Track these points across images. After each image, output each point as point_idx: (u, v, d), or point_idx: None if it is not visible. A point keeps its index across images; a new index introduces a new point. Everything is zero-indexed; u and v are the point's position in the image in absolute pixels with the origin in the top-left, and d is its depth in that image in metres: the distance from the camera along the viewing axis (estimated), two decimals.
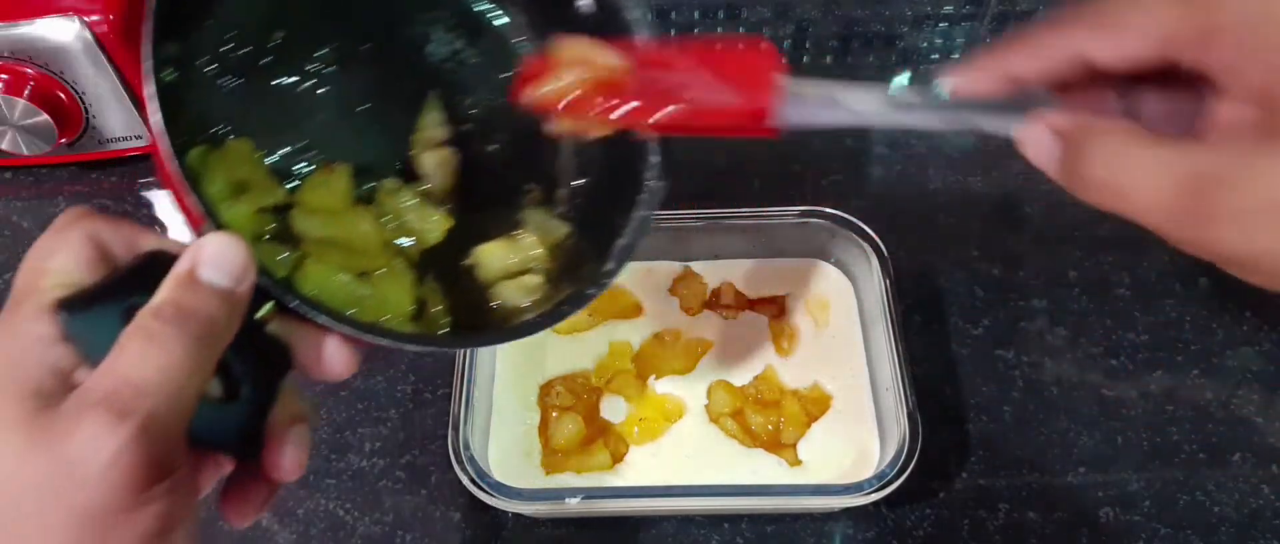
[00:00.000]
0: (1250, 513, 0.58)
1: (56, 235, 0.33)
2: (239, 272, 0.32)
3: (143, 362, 0.30)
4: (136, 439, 0.28)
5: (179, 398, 0.30)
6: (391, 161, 0.47)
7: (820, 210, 0.64)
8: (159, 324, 0.30)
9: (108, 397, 0.29)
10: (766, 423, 0.59)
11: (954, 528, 0.58)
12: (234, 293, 0.32)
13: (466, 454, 0.55)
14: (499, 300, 0.46)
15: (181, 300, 0.31)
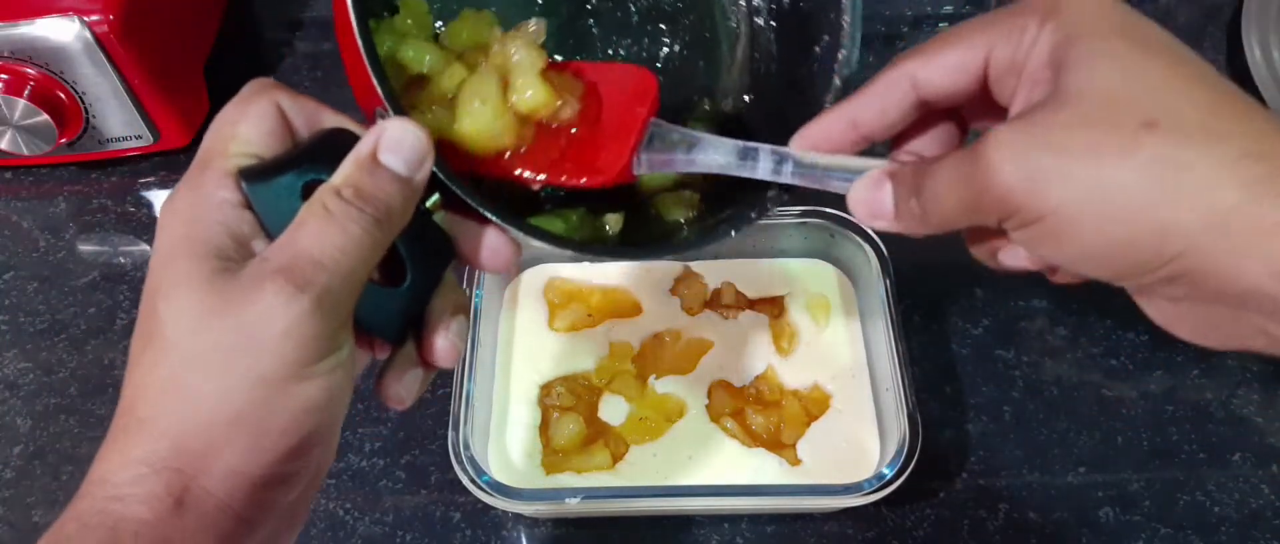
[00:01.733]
0: (1250, 513, 0.58)
1: (243, 104, 0.34)
2: (418, 159, 0.33)
3: (321, 239, 0.31)
4: (311, 312, 0.30)
5: (351, 277, 0.31)
6: None
7: (820, 210, 0.64)
8: (339, 203, 0.31)
9: (286, 268, 0.30)
10: (767, 423, 0.59)
11: (954, 528, 0.58)
12: (412, 180, 0.33)
13: (466, 454, 0.55)
14: (658, 211, 0.45)
15: (361, 183, 0.32)
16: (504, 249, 0.37)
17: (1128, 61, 0.31)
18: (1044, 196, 0.31)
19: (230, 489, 0.31)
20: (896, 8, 0.82)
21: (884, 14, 0.82)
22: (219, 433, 0.30)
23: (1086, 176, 0.30)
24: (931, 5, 0.82)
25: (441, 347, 0.36)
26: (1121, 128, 0.30)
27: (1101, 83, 0.31)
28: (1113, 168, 0.30)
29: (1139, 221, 0.30)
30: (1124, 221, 0.30)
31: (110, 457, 0.31)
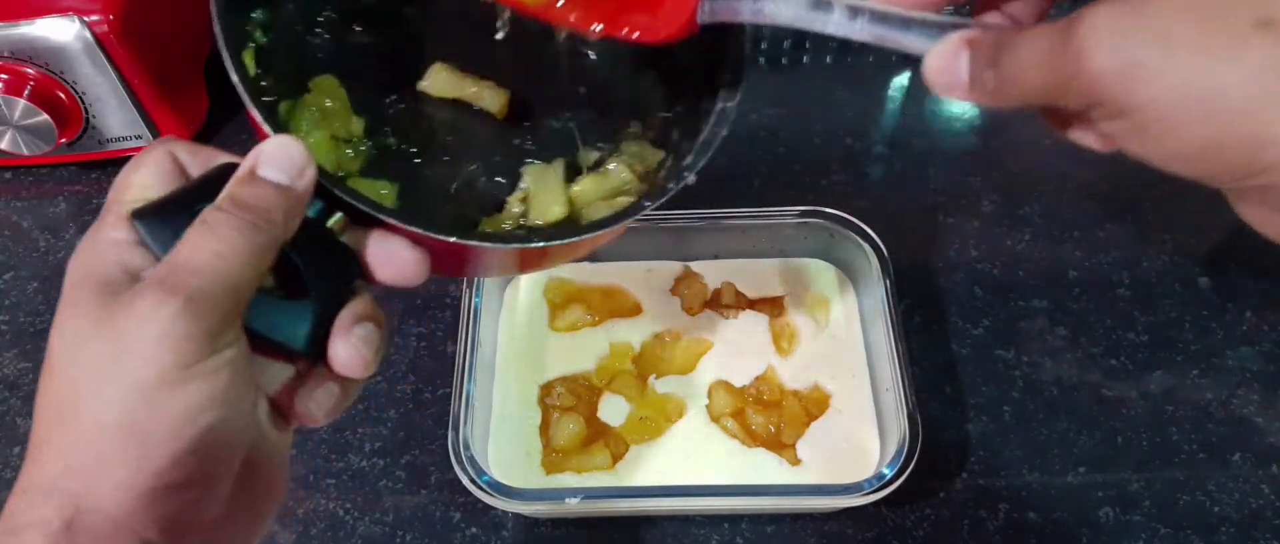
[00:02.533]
0: (1250, 513, 0.58)
1: (139, 157, 0.35)
2: (295, 168, 0.34)
3: (195, 248, 0.32)
4: (181, 314, 0.30)
5: (229, 280, 0.32)
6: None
7: (820, 210, 0.64)
8: (215, 214, 0.33)
9: (161, 279, 0.31)
10: (767, 423, 0.59)
11: (954, 528, 0.58)
12: (292, 188, 0.34)
13: (466, 454, 0.55)
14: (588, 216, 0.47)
15: (238, 194, 0.33)
16: (412, 258, 0.37)
17: None
18: (1138, 90, 0.28)
19: (122, 503, 0.30)
20: None
21: None
22: (103, 445, 0.30)
23: (1187, 74, 0.28)
24: None
25: (342, 354, 0.35)
26: (1232, 25, 0.27)
27: None
28: (1218, 68, 0.27)
29: (1237, 127, 0.28)
30: (1221, 126, 0.28)
31: (15, 491, 0.31)
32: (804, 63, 0.81)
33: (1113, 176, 0.72)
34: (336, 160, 0.43)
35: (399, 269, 0.37)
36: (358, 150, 0.44)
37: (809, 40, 0.82)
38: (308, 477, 0.61)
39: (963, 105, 0.78)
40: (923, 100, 0.79)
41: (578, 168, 0.47)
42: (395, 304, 0.68)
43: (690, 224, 0.64)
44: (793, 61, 0.81)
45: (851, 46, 0.81)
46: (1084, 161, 0.73)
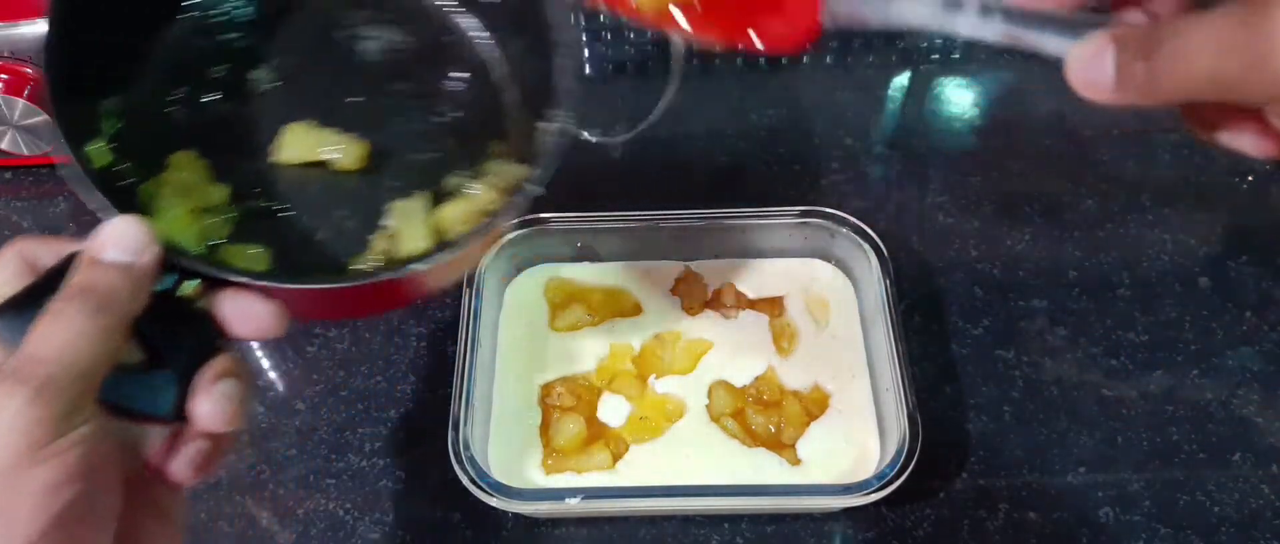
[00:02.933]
0: (1250, 513, 0.58)
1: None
2: (136, 247, 0.36)
3: (44, 337, 0.33)
4: (31, 401, 0.32)
5: (77, 364, 0.33)
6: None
7: (820, 210, 0.64)
8: (60, 303, 0.34)
9: (12, 371, 0.32)
10: (767, 423, 0.59)
11: (954, 528, 0.58)
12: (134, 266, 0.35)
13: (466, 454, 0.55)
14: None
15: (82, 280, 0.35)
16: (261, 313, 0.39)
17: None
18: None
19: None
20: None
21: None
22: None
23: None
24: None
25: (203, 411, 0.37)
26: None
27: None
28: None
29: None
30: None
31: None
32: (804, 63, 0.81)
33: (1113, 177, 0.72)
34: (201, 231, 0.44)
35: (256, 324, 0.38)
36: (224, 218, 0.45)
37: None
38: (308, 477, 0.61)
39: (963, 105, 0.78)
40: (923, 100, 0.79)
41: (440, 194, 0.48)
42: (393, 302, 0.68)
43: (690, 224, 0.65)
44: (793, 61, 0.81)
45: (851, 46, 0.81)
46: (1084, 161, 0.73)
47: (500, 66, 0.52)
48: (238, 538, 0.59)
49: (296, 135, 0.47)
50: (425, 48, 0.52)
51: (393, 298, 0.50)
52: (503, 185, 0.48)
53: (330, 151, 0.48)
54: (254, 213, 0.46)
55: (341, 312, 0.56)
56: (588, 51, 0.82)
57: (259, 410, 0.64)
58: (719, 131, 0.76)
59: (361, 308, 0.53)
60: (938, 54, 0.81)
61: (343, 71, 0.50)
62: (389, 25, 0.51)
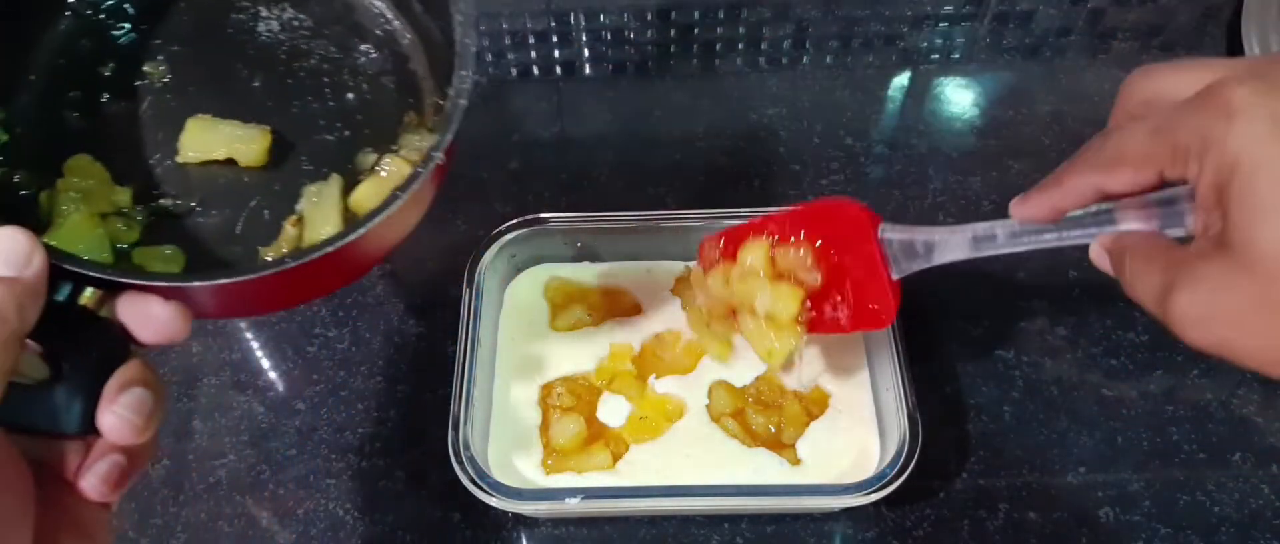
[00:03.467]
0: (1250, 513, 0.58)
1: None
2: (20, 259, 0.34)
3: None
4: None
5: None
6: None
7: None
8: None
9: None
10: (767, 423, 0.59)
11: (954, 528, 0.58)
12: (19, 280, 0.33)
13: (466, 454, 0.55)
14: None
15: None
16: (162, 316, 0.37)
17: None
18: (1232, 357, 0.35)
19: None
20: (897, 8, 0.82)
21: (884, 14, 0.82)
22: None
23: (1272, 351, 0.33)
24: (931, 5, 0.82)
25: (108, 423, 0.35)
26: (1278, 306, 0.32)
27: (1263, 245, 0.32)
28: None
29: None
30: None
31: None
32: (804, 63, 0.81)
33: None
34: (109, 235, 0.43)
35: (158, 328, 0.37)
36: (132, 220, 0.44)
37: (808, 40, 0.82)
38: (308, 477, 0.61)
39: (963, 105, 0.78)
40: (923, 100, 0.79)
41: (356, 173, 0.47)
42: (395, 304, 0.68)
43: (691, 224, 0.64)
44: (793, 61, 0.81)
45: (851, 46, 0.81)
46: None
47: (405, 34, 0.51)
48: (238, 538, 0.59)
49: (195, 134, 0.46)
50: (326, 23, 0.50)
51: (307, 286, 0.47)
52: (417, 157, 0.47)
53: (231, 149, 0.46)
54: (163, 213, 0.45)
55: (258, 306, 0.53)
56: (587, 51, 0.82)
57: (259, 410, 0.64)
58: (719, 131, 0.76)
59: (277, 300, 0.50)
60: (938, 54, 0.81)
61: (241, 56, 0.49)
62: (284, 3, 0.50)
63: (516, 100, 0.79)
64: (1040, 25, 0.82)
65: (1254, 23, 0.76)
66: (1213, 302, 0.34)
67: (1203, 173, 0.33)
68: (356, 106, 0.49)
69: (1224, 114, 0.32)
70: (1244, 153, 0.32)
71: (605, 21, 0.83)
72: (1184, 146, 0.34)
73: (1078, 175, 0.39)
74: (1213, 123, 0.33)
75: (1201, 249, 0.34)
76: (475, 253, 0.63)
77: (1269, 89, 0.32)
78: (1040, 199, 0.40)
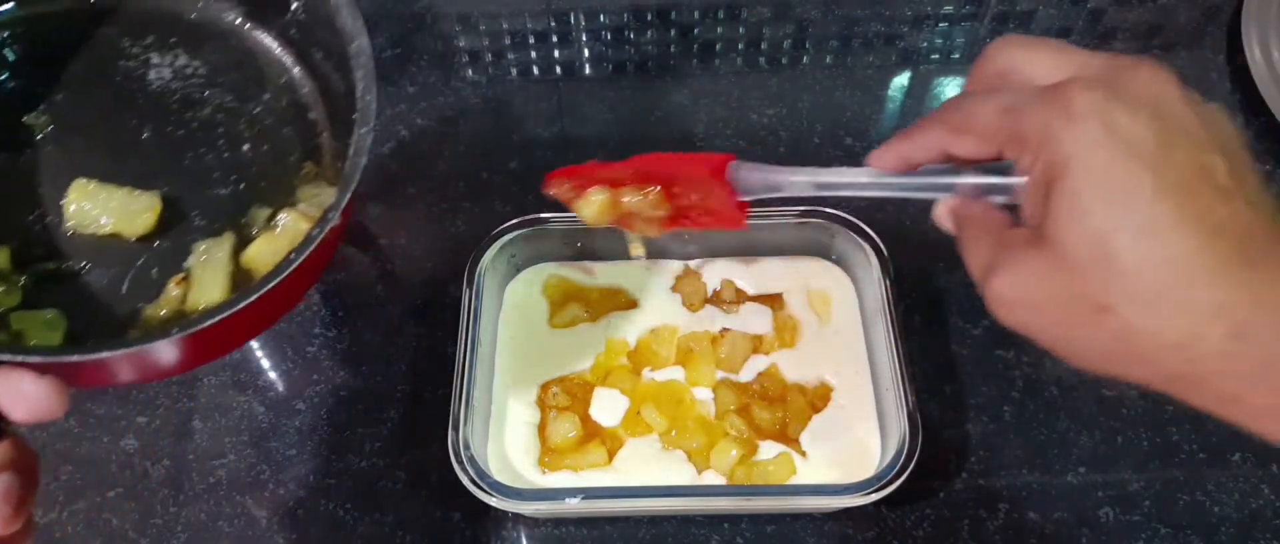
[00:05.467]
0: (1250, 513, 0.58)
1: None
2: None
3: None
4: None
5: None
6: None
7: (820, 210, 0.64)
8: None
9: None
10: (773, 418, 0.60)
11: (954, 528, 0.58)
12: None
13: (466, 454, 0.55)
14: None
15: None
16: (37, 393, 0.34)
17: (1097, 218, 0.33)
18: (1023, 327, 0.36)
19: None
20: (896, 8, 0.82)
21: (884, 14, 0.82)
22: None
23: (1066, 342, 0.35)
24: (931, 5, 0.82)
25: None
26: (1081, 308, 0.33)
27: (1073, 249, 0.33)
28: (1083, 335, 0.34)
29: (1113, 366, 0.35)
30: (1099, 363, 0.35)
31: None
32: (804, 63, 0.81)
33: None
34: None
35: (34, 406, 0.34)
36: (11, 284, 0.41)
37: (808, 40, 0.82)
38: (308, 477, 0.61)
39: None
40: (923, 100, 0.79)
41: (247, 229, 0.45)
42: (395, 304, 0.68)
43: None
44: (793, 61, 0.81)
45: (852, 46, 0.81)
46: None
47: (304, 83, 0.49)
48: (238, 538, 0.59)
49: (80, 202, 0.43)
50: (222, 71, 0.48)
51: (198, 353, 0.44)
52: (315, 213, 0.45)
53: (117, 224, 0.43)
54: (44, 275, 0.42)
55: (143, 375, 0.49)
56: (587, 51, 0.82)
57: (259, 410, 0.64)
58: (719, 131, 0.76)
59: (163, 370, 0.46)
60: (938, 54, 0.81)
61: (130, 106, 0.46)
62: (178, 50, 0.47)
63: (516, 100, 0.79)
64: (1040, 25, 0.82)
65: (1254, 23, 0.76)
66: (1023, 288, 0.35)
67: (1036, 164, 0.35)
68: (252, 158, 0.47)
69: (1066, 114, 0.33)
70: (1074, 156, 0.33)
71: (605, 21, 0.83)
72: (1025, 135, 0.35)
73: (928, 132, 0.40)
74: (1054, 120, 0.34)
75: (1026, 236, 0.36)
76: (475, 253, 0.63)
77: (1110, 98, 0.33)
78: (893, 149, 0.41)
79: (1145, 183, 0.32)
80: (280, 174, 0.47)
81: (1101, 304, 0.33)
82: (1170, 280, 0.32)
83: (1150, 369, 0.34)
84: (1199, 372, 0.33)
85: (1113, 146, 0.33)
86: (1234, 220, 0.32)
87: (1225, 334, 0.32)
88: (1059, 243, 0.34)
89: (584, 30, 0.82)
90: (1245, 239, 0.32)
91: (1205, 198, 0.32)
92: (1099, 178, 0.33)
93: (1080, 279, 0.33)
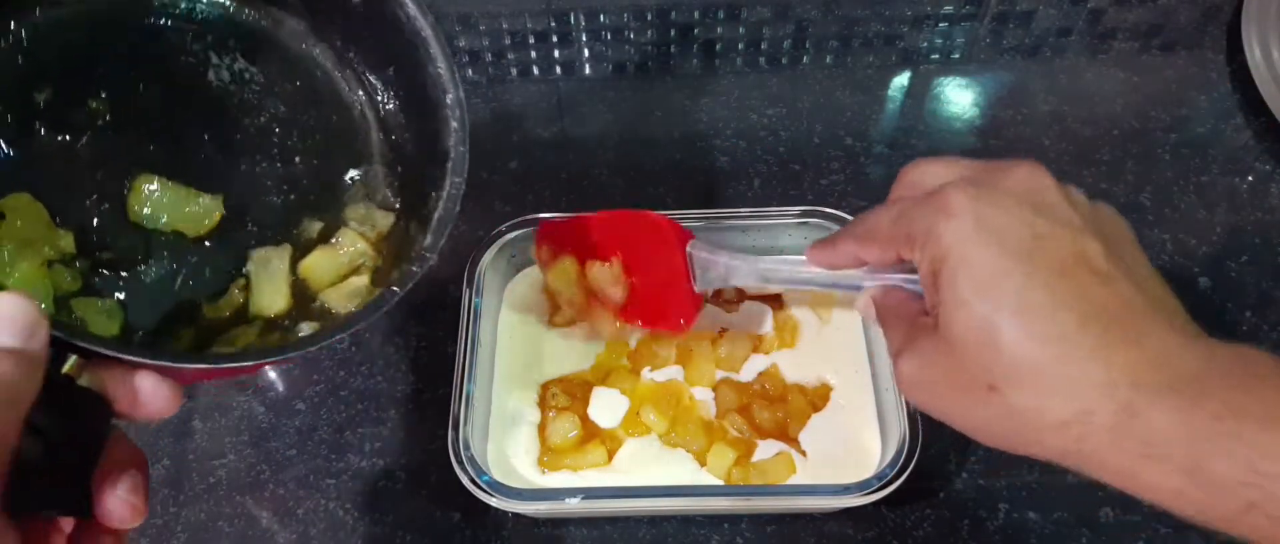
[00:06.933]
0: None
1: None
2: (27, 327, 0.31)
3: None
4: None
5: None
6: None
7: (820, 210, 0.64)
8: None
9: None
10: (774, 418, 0.60)
11: (954, 528, 0.58)
12: (25, 350, 0.30)
13: (466, 454, 0.55)
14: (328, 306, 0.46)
15: None
16: (161, 391, 0.35)
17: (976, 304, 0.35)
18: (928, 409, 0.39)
19: None
20: (896, 8, 0.82)
21: (884, 14, 0.82)
22: None
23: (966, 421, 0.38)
24: (931, 5, 0.82)
25: (112, 508, 0.33)
26: (973, 388, 0.36)
27: (959, 334, 0.36)
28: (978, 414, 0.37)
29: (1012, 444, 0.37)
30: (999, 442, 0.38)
31: None
32: (804, 63, 0.81)
33: (1112, 177, 0.72)
34: (53, 286, 0.40)
35: (152, 406, 0.35)
36: (73, 269, 0.41)
37: (808, 40, 0.82)
38: (308, 477, 0.61)
39: (963, 105, 0.78)
40: (923, 100, 0.79)
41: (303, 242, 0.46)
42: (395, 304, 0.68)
43: (691, 224, 0.64)
44: (793, 61, 0.81)
45: (852, 46, 0.81)
46: (1084, 161, 0.73)
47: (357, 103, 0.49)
48: (238, 538, 0.59)
49: (143, 197, 0.43)
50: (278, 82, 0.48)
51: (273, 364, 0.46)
52: (372, 235, 0.47)
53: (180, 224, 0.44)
54: (103, 263, 0.42)
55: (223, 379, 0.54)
56: (587, 51, 0.82)
57: (259, 410, 0.64)
58: (719, 131, 0.76)
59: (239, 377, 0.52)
60: (938, 54, 0.81)
61: (189, 103, 0.46)
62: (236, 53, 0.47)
63: (516, 100, 0.79)
64: (1040, 25, 0.82)
65: (1254, 23, 0.76)
66: (924, 370, 0.38)
67: (923, 260, 0.38)
68: (304, 172, 0.48)
69: (944, 213, 0.36)
70: (952, 249, 0.36)
71: (605, 21, 0.83)
72: (913, 235, 0.38)
73: (842, 244, 0.44)
74: (934, 218, 0.37)
75: (926, 324, 0.39)
76: (475, 253, 0.63)
77: (980, 196, 0.36)
78: (821, 253, 0.46)
79: (1016, 270, 0.35)
80: (331, 190, 0.48)
81: (989, 384, 0.35)
82: (1049, 359, 0.34)
83: (1045, 447, 0.36)
84: (1089, 449, 0.34)
85: (984, 238, 0.35)
86: (1114, 301, 0.34)
87: (1114, 412, 0.33)
88: (948, 328, 0.36)
89: (584, 30, 0.83)
90: (1127, 318, 0.34)
91: (1081, 281, 0.35)
92: (975, 267, 0.35)
93: (969, 361, 0.36)
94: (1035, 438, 0.36)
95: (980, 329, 0.35)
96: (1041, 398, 0.34)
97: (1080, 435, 0.34)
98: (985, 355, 0.35)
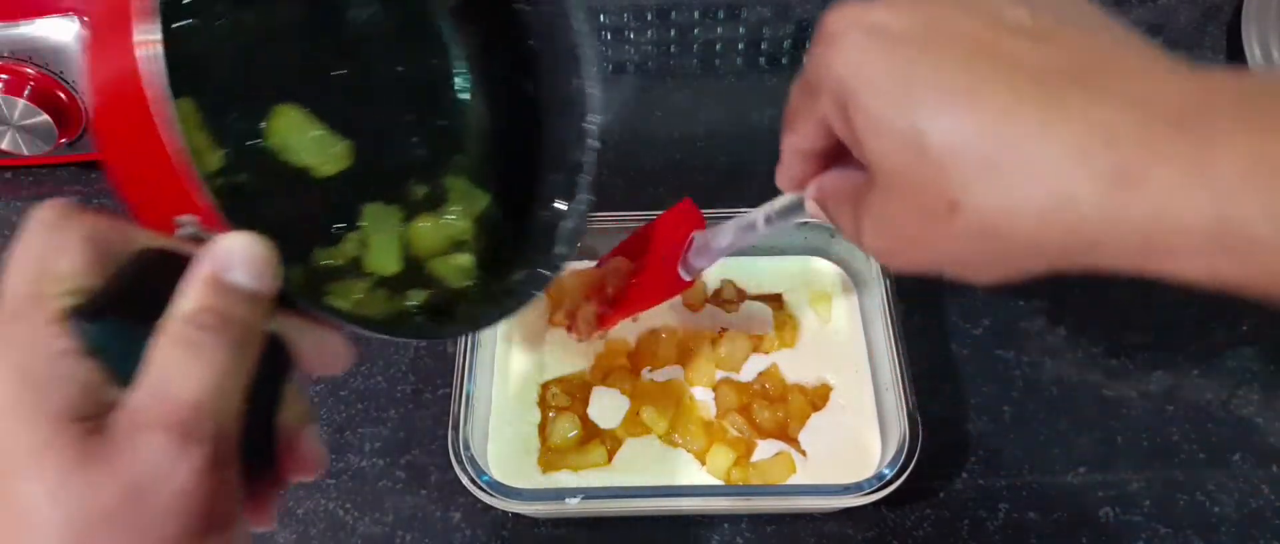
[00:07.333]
0: (1250, 513, 0.58)
1: (50, 234, 0.29)
2: (265, 270, 0.30)
3: (190, 376, 0.27)
4: (210, 466, 0.26)
5: (229, 409, 0.28)
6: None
7: None
8: (200, 333, 0.28)
9: (165, 418, 0.26)
10: (774, 418, 0.60)
11: (954, 528, 0.58)
12: (261, 294, 0.30)
13: (466, 454, 0.55)
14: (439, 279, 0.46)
15: (214, 303, 0.28)
16: (345, 350, 0.34)
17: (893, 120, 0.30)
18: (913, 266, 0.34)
19: None
20: None
21: None
22: None
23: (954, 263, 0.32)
24: None
25: (301, 460, 0.33)
26: (935, 218, 0.30)
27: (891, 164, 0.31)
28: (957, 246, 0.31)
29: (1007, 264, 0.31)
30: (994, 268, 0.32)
31: None
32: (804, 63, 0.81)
33: None
34: None
35: (334, 363, 0.34)
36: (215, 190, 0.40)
37: (808, 40, 0.82)
38: None
39: None
40: None
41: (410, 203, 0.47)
42: None
43: None
44: (793, 61, 0.81)
45: None
46: None
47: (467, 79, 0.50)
48: None
49: (282, 128, 0.43)
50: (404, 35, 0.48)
51: None
52: (473, 212, 0.48)
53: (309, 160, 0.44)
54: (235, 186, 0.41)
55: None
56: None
57: None
58: (719, 131, 0.76)
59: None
60: None
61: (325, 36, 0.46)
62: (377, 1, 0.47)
63: None
64: None
65: (1254, 23, 0.76)
66: (885, 229, 0.33)
67: (832, 109, 0.33)
68: (416, 133, 0.48)
69: (827, 41, 0.32)
70: (846, 75, 0.31)
71: (605, 21, 0.83)
72: (812, 86, 0.33)
73: (783, 147, 0.39)
74: (821, 53, 0.32)
75: (868, 184, 0.33)
76: None
77: (860, 9, 0.31)
78: (780, 175, 0.42)
79: (920, 60, 0.30)
80: (436, 159, 0.48)
81: (948, 202, 0.29)
82: (993, 147, 0.28)
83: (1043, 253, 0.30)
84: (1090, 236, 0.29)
85: (875, 45, 0.30)
86: (1057, 57, 0.29)
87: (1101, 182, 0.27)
88: (879, 165, 0.31)
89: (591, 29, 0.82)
90: (1079, 72, 0.28)
91: (1006, 47, 0.29)
92: (874, 80, 0.30)
93: (913, 189, 0.30)
94: (1024, 244, 0.29)
95: (906, 145, 0.30)
96: (1005, 194, 0.28)
97: (1070, 226, 0.28)
98: (924, 172, 0.29)
